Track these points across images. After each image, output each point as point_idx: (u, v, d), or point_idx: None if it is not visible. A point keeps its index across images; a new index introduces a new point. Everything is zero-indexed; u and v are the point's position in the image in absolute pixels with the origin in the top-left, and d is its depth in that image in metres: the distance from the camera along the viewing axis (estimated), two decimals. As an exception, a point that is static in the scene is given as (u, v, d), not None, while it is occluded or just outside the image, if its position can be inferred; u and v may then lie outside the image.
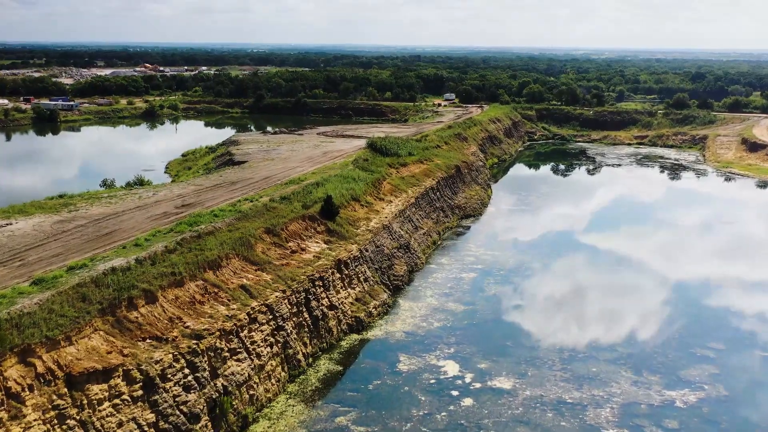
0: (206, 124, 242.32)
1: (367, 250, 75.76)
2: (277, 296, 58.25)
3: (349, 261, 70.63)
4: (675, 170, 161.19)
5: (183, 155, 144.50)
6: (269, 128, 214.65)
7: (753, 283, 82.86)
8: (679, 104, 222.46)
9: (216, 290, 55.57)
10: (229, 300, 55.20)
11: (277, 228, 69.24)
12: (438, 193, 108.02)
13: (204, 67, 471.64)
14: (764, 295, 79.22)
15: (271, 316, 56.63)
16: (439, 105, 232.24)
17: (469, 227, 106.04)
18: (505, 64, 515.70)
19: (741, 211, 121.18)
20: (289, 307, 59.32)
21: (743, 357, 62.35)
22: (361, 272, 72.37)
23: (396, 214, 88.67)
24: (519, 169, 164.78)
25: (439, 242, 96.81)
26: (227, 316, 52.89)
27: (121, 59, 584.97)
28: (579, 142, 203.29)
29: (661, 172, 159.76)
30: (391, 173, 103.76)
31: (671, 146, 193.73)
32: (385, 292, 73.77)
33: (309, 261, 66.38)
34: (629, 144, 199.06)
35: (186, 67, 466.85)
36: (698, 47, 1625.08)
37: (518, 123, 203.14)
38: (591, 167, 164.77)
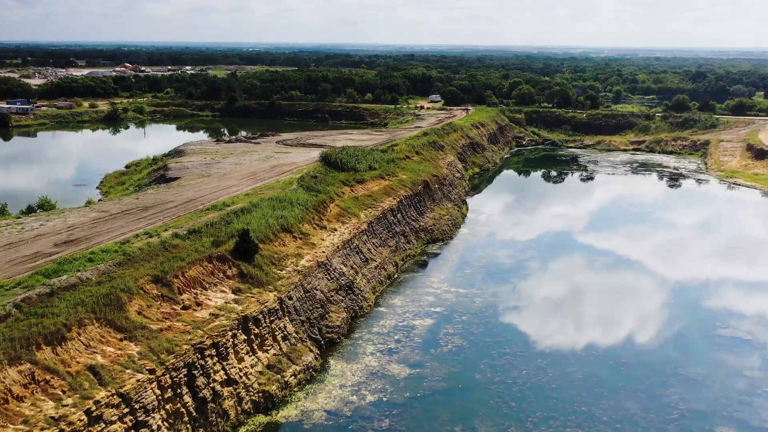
0: (178, 128, 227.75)
1: (290, 298, 61.06)
2: (140, 379, 43.53)
3: (261, 316, 55.90)
4: (674, 180, 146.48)
5: (126, 167, 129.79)
6: (244, 133, 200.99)
7: (768, 331, 68.26)
8: (678, 106, 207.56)
9: (49, 377, 40.84)
10: (65, 390, 40.48)
11: (168, 275, 54.52)
12: (399, 214, 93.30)
13: (188, 67, 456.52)
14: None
15: (127, 410, 41.90)
16: (422, 108, 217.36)
17: (435, 255, 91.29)
18: (501, 63, 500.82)
19: (749, 233, 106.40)
20: (160, 392, 44.59)
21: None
22: (279, 328, 57.65)
23: (339, 246, 73.96)
24: (502, 180, 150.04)
25: (395, 275, 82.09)
26: (53, 418, 38.17)
27: (106, 59, 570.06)
28: (571, 147, 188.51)
29: (659, 183, 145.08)
30: (343, 192, 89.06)
31: (670, 152, 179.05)
32: (311, 351, 59.08)
33: (203, 321, 51.63)
34: (625, 150, 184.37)
35: (169, 67, 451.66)
36: (698, 46, 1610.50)
37: (505, 127, 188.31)
38: (582, 177, 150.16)
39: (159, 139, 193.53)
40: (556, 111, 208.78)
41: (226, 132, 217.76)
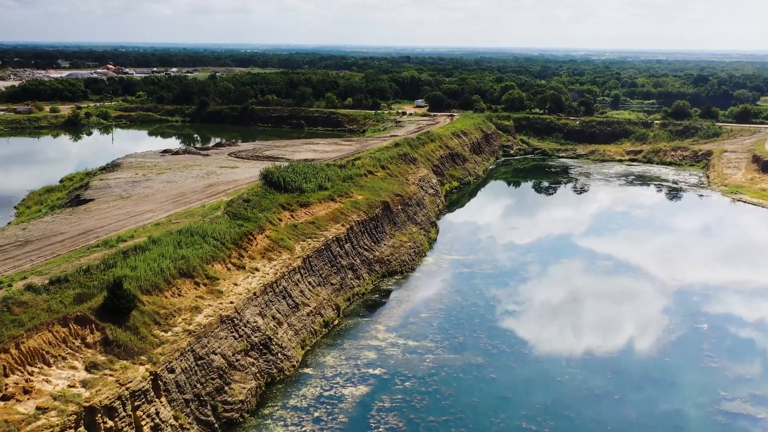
0: (150, 134, 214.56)
1: (172, 371, 47.45)
2: None
3: (119, 403, 42.27)
4: (672, 197, 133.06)
5: (60, 181, 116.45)
6: (218, 139, 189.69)
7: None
8: (678, 113, 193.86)
9: None
10: None
11: (-7, 350, 40.93)
12: (349, 244, 79.71)
13: (174, 69, 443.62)
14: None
15: None
16: (404, 114, 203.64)
17: (388, 292, 77.73)
18: (498, 66, 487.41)
19: (757, 272, 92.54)
20: None
21: None
22: (148, 415, 44.04)
23: (258, 292, 60.37)
24: (483, 196, 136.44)
25: (335, 322, 68.51)
26: None
27: (95, 59, 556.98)
28: (562, 157, 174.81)
29: (654, 199, 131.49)
30: (280, 219, 75.50)
31: (669, 163, 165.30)
32: (195, 442, 45.50)
33: (21, 420, 37.98)
34: (620, 160, 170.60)
35: (154, 69, 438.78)
36: (700, 48, 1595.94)
37: (491, 135, 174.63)
38: (572, 191, 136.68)
39: (122, 146, 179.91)
40: (547, 118, 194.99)
41: (198, 138, 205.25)
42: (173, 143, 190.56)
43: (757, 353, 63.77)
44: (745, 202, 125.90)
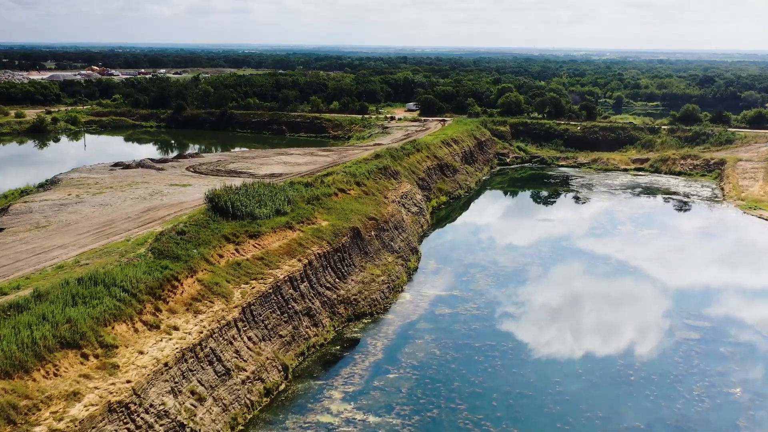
0: (126, 140, 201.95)
1: (20, 496, 34.28)
2: None
3: None
4: (685, 212, 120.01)
5: (5, 196, 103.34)
6: (197, 147, 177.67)
7: None
8: (687, 117, 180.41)
9: None
10: None
11: None
12: (306, 283, 66.57)
13: (162, 70, 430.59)
14: None
15: None
16: (392, 118, 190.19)
17: (353, 343, 64.59)
18: (496, 66, 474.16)
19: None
20: None
21: None
22: None
23: (171, 360, 47.22)
24: (475, 211, 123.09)
25: (281, 387, 55.35)
26: None
27: (85, 60, 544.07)
28: (562, 166, 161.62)
29: (665, 215, 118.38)
30: (220, 255, 62.33)
31: (678, 173, 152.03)
32: None
33: None
34: (626, 170, 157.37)
35: (141, 70, 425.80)
36: (701, 48, 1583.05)
37: (485, 143, 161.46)
38: (573, 205, 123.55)
39: (92, 154, 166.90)
40: (546, 123, 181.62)
41: (175, 145, 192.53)
42: (150, 150, 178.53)
43: None
44: (766, 219, 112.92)
